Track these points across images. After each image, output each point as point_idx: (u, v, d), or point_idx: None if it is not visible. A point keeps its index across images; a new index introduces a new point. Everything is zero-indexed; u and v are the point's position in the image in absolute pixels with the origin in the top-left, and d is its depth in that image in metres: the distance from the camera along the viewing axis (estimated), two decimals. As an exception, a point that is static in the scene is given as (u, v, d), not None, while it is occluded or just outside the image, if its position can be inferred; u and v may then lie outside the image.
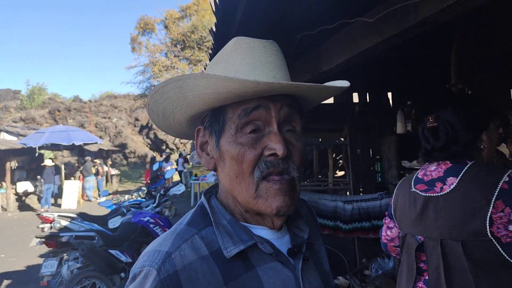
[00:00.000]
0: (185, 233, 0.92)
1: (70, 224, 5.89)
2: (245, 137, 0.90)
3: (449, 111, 1.75)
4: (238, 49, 0.94)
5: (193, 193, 15.71)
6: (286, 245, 0.98)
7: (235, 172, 0.91)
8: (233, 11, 2.00)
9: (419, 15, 1.64)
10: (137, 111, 35.50)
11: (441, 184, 1.67)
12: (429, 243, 1.66)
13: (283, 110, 0.91)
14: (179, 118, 1.00)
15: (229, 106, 0.92)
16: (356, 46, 2.13)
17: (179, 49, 22.26)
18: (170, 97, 0.92)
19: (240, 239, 0.91)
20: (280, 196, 0.89)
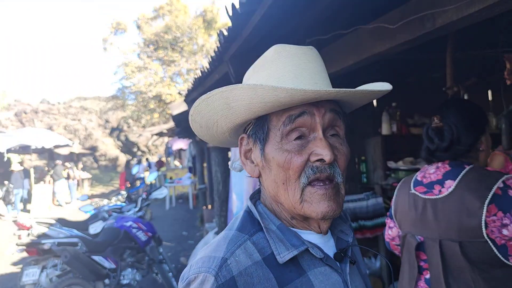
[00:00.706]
0: (237, 238, 0.92)
1: (49, 231, 5.71)
2: (291, 143, 0.91)
3: (452, 112, 1.80)
4: (279, 57, 0.94)
5: (168, 197, 15.50)
6: (332, 250, 1.00)
7: (281, 178, 0.92)
8: (249, 16, 1.99)
9: (437, 22, 1.67)
10: (107, 113, 34.82)
11: (439, 186, 1.75)
12: (429, 243, 1.74)
13: (327, 116, 0.92)
14: (223, 127, 1.01)
15: (273, 113, 0.93)
16: (365, 50, 2.15)
17: (152, 50, 21.97)
18: (215, 107, 0.93)
19: (291, 244, 0.91)
20: (325, 201, 0.90)
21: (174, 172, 18.15)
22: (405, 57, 3.97)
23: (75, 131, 32.75)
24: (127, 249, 5.87)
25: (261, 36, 2.22)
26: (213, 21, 20.75)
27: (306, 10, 2.03)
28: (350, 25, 2.14)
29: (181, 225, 11.82)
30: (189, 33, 20.98)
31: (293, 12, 2.01)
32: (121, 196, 8.56)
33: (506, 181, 1.59)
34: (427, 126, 1.89)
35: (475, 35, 3.42)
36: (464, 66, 3.94)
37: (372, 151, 5.49)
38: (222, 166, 7.36)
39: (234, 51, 2.52)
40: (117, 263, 5.60)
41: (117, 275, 5.56)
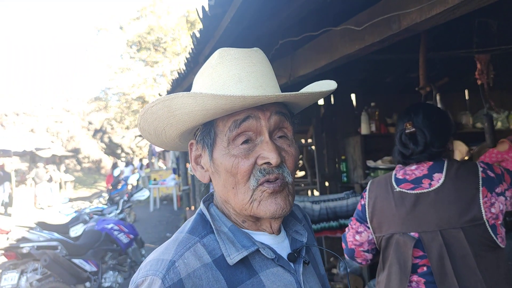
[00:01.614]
0: (187, 241, 0.93)
1: (29, 234, 5.64)
2: (238, 148, 0.92)
3: (421, 117, 1.89)
4: (223, 61, 0.94)
5: (152, 198, 15.41)
6: (286, 250, 1.01)
7: (230, 183, 0.93)
8: (220, 18, 2.01)
9: (402, 24, 1.71)
10: (90, 115, 34.47)
11: (428, 180, 1.81)
12: (427, 236, 1.76)
13: (273, 118, 0.93)
14: (171, 134, 1.01)
15: (219, 119, 0.94)
16: (336, 51, 2.19)
17: (135, 51, 21.83)
18: (160, 116, 0.93)
19: (242, 246, 0.92)
20: (273, 199, 0.91)
21: (158, 174, 18.04)
22: (380, 57, 4.02)
23: (58, 133, 32.36)
24: (108, 251, 5.83)
25: (234, 38, 2.24)
26: (196, 22, 20.69)
27: (276, 13, 2.06)
28: (321, 27, 2.17)
29: (165, 227, 11.76)
30: (172, 34, 20.90)
31: (263, 14, 2.03)
32: (103, 199, 8.49)
33: (481, 165, 1.79)
34: (400, 132, 1.93)
35: (448, 35, 3.48)
36: (438, 66, 4.01)
37: (352, 150, 5.54)
38: (204, 167, 7.36)
39: (208, 53, 2.53)
40: (98, 266, 5.57)
41: (98, 278, 5.53)
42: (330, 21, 2.28)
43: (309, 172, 7.04)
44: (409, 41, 2.42)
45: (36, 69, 62.57)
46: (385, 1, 1.82)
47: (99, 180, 31.18)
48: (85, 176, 31.27)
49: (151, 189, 15.27)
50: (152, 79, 21.39)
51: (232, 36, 2.19)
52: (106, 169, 34.52)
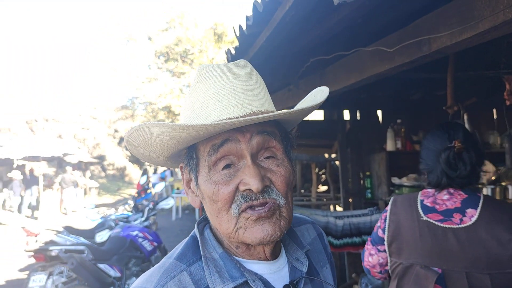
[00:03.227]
0: (173, 269, 0.89)
1: (57, 238, 5.80)
2: (218, 174, 0.86)
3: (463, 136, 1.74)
4: (202, 80, 0.89)
5: (174, 207, 15.56)
6: (284, 280, 0.94)
7: (214, 210, 0.88)
8: (256, 36, 2.10)
9: (432, 46, 1.76)
10: (117, 123, 35.13)
11: (460, 215, 1.67)
12: (452, 275, 1.64)
13: (254, 140, 0.86)
14: (157, 159, 0.96)
15: (199, 142, 0.89)
16: (366, 70, 2.25)
17: (163, 61, 22.25)
18: (139, 144, 0.90)
19: (230, 276, 0.87)
20: (260, 226, 0.85)
21: (181, 183, 18.18)
22: (408, 75, 4.05)
23: (84, 140, 33.06)
24: (132, 258, 5.94)
25: (267, 55, 2.33)
26: (224, 35, 21.01)
27: (308, 32, 2.13)
28: (351, 47, 2.23)
29: (187, 236, 11.78)
30: (200, 46, 21.24)
31: (296, 34, 2.11)
32: (128, 206, 8.65)
33: None
34: (448, 152, 1.73)
35: (476, 56, 3.49)
36: (466, 85, 4.01)
37: (377, 166, 5.54)
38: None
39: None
40: (122, 272, 5.67)
41: (122, 283, 5.63)
42: (360, 39, 2.35)
43: (332, 187, 7.04)
44: (437, 60, 2.45)
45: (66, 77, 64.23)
46: (415, 24, 1.88)
47: (122, 187, 31.64)
48: (109, 183, 31.78)
49: (174, 198, 15.43)
50: (179, 89, 21.73)
51: (265, 53, 2.27)
52: (130, 177, 35.02)
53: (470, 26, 1.53)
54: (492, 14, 1.46)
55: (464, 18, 1.58)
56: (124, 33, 23.41)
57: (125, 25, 23.62)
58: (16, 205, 16.84)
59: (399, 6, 2.05)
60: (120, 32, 23.66)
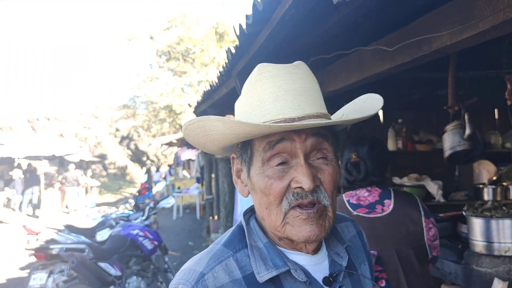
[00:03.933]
0: (221, 254, 0.94)
1: (58, 236, 5.80)
2: (272, 169, 0.90)
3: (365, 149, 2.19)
4: (261, 79, 0.93)
5: (175, 206, 15.56)
6: (324, 272, 0.98)
7: (265, 203, 0.92)
8: (256, 35, 2.10)
9: (433, 46, 1.76)
10: (118, 122, 35.17)
11: (380, 206, 2.13)
12: (385, 254, 2.04)
13: (309, 141, 0.90)
14: (212, 148, 1.02)
15: (255, 138, 0.93)
16: (366, 70, 2.24)
17: (164, 60, 22.26)
18: (198, 134, 0.95)
19: (273, 264, 0.91)
20: (307, 226, 0.89)
21: (182, 182, 18.22)
22: (409, 75, 4.04)
23: (86, 139, 33.11)
24: (133, 257, 5.94)
25: (267, 54, 2.33)
26: (225, 34, 21.01)
27: (308, 31, 2.13)
28: (352, 46, 2.23)
29: (188, 235, 11.88)
30: (201, 45, 21.24)
31: (296, 33, 2.10)
32: (129, 204, 8.65)
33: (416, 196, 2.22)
34: (346, 161, 2.21)
35: (478, 55, 3.49)
36: (467, 85, 4.00)
37: (377, 166, 5.53)
38: (229, 177, 7.44)
39: (241, 68, 2.63)
40: (123, 271, 5.67)
41: (122, 282, 5.63)
42: (360, 39, 2.34)
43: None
44: (438, 60, 2.45)
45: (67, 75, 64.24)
46: (416, 24, 1.87)
47: (124, 186, 31.68)
48: (111, 182, 31.82)
49: (174, 197, 15.43)
50: (180, 89, 21.73)
51: (265, 52, 2.27)
52: (131, 176, 35.06)
53: (470, 25, 1.53)
54: (492, 14, 1.45)
55: (464, 18, 1.57)
56: (125, 32, 23.42)
57: (126, 24, 23.61)
58: (18, 204, 16.89)
59: (399, 6, 2.05)
60: (121, 31, 23.66)
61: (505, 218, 2.79)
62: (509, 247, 2.73)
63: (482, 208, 2.99)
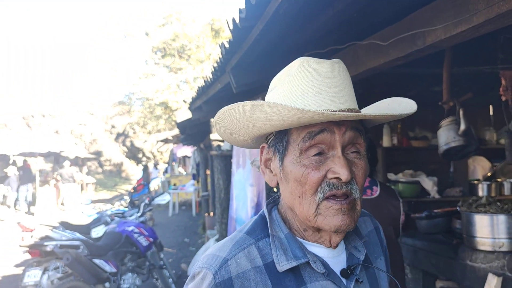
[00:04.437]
0: (244, 241, 0.97)
1: (52, 233, 5.78)
2: (309, 159, 0.92)
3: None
4: (303, 71, 0.94)
5: (171, 203, 15.54)
6: (341, 265, 1.01)
7: (298, 192, 0.93)
8: (249, 30, 2.08)
9: (427, 40, 1.75)
10: (114, 119, 35.05)
11: (370, 190, 2.67)
12: None
13: (347, 134, 0.92)
14: (245, 136, 1.03)
15: (293, 128, 0.94)
16: (361, 64, 2.23)
17: (160, 57, 22.17)
18: (237, 118, 0.96)
19: (293, 255, 0.94)
20: (339, 216, 0.91)
21: (178, 179, 18.20)
22: (405, 71, 4.03)
23: (81, 136, 33.00)
24: (128, 253, 5.92)
25: (261, 49, 2.31)
26: (221, 30, 20.94)
27: (303, 26, 2.11)
28: (346, 41, 2.22)
29: (183, 232, 11.87)
30: (197, 42, 21.17)
31: (291, 28, 2.09)
32: (124, 201, 8.62)
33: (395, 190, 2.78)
34: None
35: (473, 51, 3.48)
36: (462, 81, 4.00)
37: (373, 162, 5.54)
38: (224, 174, 7.43)
39: (235, 63, 2.61)
40: (118, 267, 5.65)
41: (117, 279, 5.61)
42: (355, 34, 2.33)
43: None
44: (434, 56, 2.45)
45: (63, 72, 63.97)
46: (410, 18, 1.86)
47: (119, 183, 31.62)
48: (106, 179, 31.75)
49: (170, 194, 15.40)
50: (176, 85, 21.65)
51: (259, 47, 2.26)
52: (127, 172, 34.99)
53: (464, 19, 1.52)
54: (486, 7, 1.44)
55: (458, 11, 1.56)
56: (122, 29, 23.31)
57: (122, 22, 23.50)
58: (13, 201, 16.81)
59: (394, 0, 2.04)
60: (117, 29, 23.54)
61: (499, 213, 2.80)
62: (503, 243, 2.74)
63: (477, 204, 2.99)
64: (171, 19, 21.59)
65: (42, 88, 36.05)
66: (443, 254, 3.20)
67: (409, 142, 5.43)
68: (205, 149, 11.52)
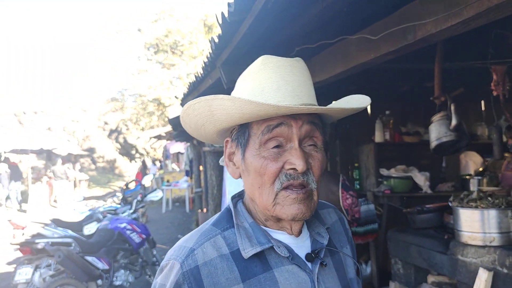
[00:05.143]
0: (210, 232, 1.02)
1: (44, 230, 5.73)
2: (268, 151, 0.97)
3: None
4: (265, 68, 0.99)
5: (164, 199, 15.50)
6: (306, 250, 1.05)
7: (258, 182, 0.98)
8: (238, 24, 2.06)
9: (417, 34, 1.73)
10: (106, 115, 34.85)
11: None
12: None
13: (304, 127, 0.97)
14: (210, 130, 1.07)
15: (254, 122, 0.99)
16: (351, 59, 2.22)
17: (152, 53, 22.05)
18: (201, 113, 1.00)
19: (258, 242, 0.99)
20: (295, 205, 0.96)
21: (172, 175, 18.15)
22: (396, 66, 4.03)
23: (74, 132, 32.80)
24: (120, 250, 5.89)
25: (251, 44, 2.29)
26: (214, 26, 20.84)
27: (293, 21, 2.09)
28: (337, 35, 2.20)
29: (177, 228, 11.84)
30: (190, 37, 21.07)
31: (281, 22, 2.07)
32: (117, 198, 8.58)
33: (342, 176, 3.19)
34: None
35: (465, 46, 3.48)
36: (454, 76, 4.00)
37: (365, 158, 5.54)
38: (217, 170, 7.41)
39: (226, 58, 2.59)
40: (110, 264, 5.63)
41: (110, 276, 5.59)
42: (346, 29, 2.31)
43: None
44: (425, 51, 2.44)
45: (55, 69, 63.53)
46: (401, 12, 1.85)
47: (113, 180, 31.48)
48: (99, 176, 31.60)
49: (164, 191, 15.34)
50: (169, 81, 21.56)
51: (249, 42, 2.24)
52: (120, 169, 34.85)
53: (454, 12, 1.51)
54: (477, 1, 1.43)
55: (448, 5, 1.55)
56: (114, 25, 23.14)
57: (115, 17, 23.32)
58: (3, 198, 16.68)
59: (385, -6, 2.02)
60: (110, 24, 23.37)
61: (490, 208, 2.80)
62: (494, 237, 2.75)
63: (468, 198, 3.00)
64: (164, 15, 21.47)
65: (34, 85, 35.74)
66: (434, 249, 3.21)
67: (401, 137, 5.43)
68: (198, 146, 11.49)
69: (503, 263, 2.60)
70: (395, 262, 3.86)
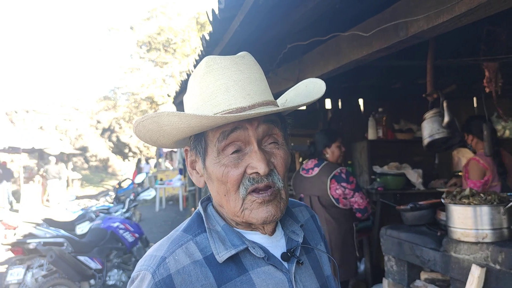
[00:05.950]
0: (180, 239, 0.98)
1: (36, 230, 5.69)
2: (227, 158, 0.94)
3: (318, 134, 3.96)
4: (210, 71, 0.95)
5: (158, 198, 15.44)
6: (281, 249, 1.03)
7: (223, 190, 0.96)
8: (229, 21, 2.04)
9: (409, 31, 1.72)
10: (99, 114, 34.66)
11: (312, 171, 3.77)
12: (306, 197, 3.77)
13: (261, 127, 0.94)
14: (166, 143, 1.04)
15: (209, 129, 0.96)
16: (344, 57, 2.21)
17: (145, 51, 21.95)
18: (151, 129, 0.97)
19: (232, 244, 0.96)
20: (264, 207, 0.94)
21: (165, 174, 18.09)
22: (389, 63, 4.03)
23: (66, 131, 32.58)
24: (113, 249, 5.87)
25: (243, 41, 2.27)
26: (206, 24, 20.79)
27: (285, 18, 2.08)
28: (329, 32, 2.19)
29: (170, 227, 11.79)
30: (182, 35, 20.99)
31: (272, 19, 2.05)
32: (109, 197, 8.53)
33: (340, 169, 3.63)
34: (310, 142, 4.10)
35: (457, 43, 3.49)
36: (446, 73, 4.01)
37: (359, 155, 5.55)
38: (210, 168, 7.37)
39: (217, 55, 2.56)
40: (103, 264, 5.60)
41: (103, 275, 5.56)
42: (339, 26, 2.30)
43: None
44: (418, 48, 2.44)
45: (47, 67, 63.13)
46: (393, 8, 1.84)
47: (106, 179, 31.33)
48: (92, 175, 31.44)
49: (157, 189, 15.28)
50: (161, 79, 21.48)
51: (241, 39, 2.22)
52: (113, 168, 34.68)
53: (446, 9, 1.50)
54: (468, -3, 1.42)
55: (440, 1, 1.54)
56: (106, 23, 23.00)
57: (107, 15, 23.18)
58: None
59: (377, -9, 2.01)
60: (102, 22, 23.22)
61: (482, 205, 2.81)
62: (487, 234, 2.75)
63: (460, 195, 3.00)
64: (156, 13, 21.36)
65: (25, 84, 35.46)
66: (427, 245, 3.21)
67: (394, 134, 5.44)
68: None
69: (496, 259, 2.60)
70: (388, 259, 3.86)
